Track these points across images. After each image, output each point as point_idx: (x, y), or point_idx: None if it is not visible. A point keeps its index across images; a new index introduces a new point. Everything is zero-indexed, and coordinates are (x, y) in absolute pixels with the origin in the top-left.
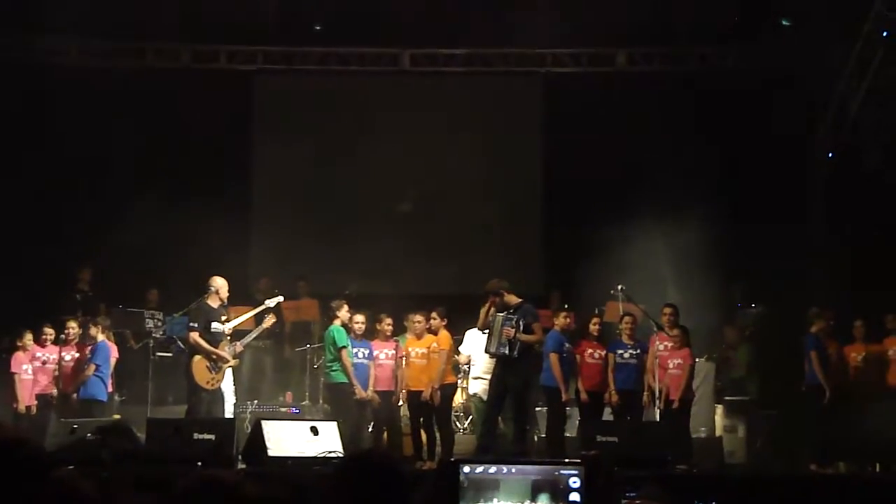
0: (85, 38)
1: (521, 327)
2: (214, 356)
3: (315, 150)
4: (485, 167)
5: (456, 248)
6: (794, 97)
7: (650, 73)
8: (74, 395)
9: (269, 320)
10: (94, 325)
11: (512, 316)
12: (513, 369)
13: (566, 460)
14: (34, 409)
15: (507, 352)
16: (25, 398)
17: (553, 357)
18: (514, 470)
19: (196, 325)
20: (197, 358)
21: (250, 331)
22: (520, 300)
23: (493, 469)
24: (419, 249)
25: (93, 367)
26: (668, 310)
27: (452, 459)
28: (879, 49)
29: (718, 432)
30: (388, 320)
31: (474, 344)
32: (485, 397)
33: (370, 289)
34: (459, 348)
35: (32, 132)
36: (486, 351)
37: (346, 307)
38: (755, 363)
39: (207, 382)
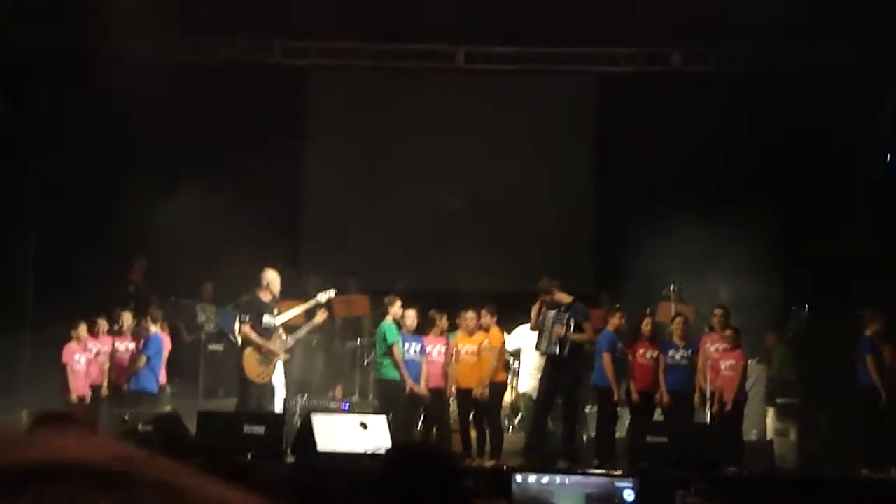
0: (138, 33)
1: (572, 326)
2: (265, 350)
3: (367, 146)
4: (537, 165)
5: (507, 246)
6: (850, 97)
7: (705, 73)
8: (126, 387)
9: (321, 316)
10: (146, 316)
11: (563, 315)
12: (563, 368)
13: (618, 472)
14: (87, 400)
15: (557, 351)
16: (78, 388)
17: (606, 357)
18: (567, 481)
19: (248, 317)
20: (248, 351)
21: (301, 325)
22: (571, 299)
23: (546, 479)
24: (470, 246)
25: (144, 358)
26: (719, 311)
27: (505, 468)
28: None
29: (770, 435)
30: (444, 317)
31: (524, 340)
32: (534, 395)
33: (421, 285)
34: (507, 340)
35: (85, 123)
36: (537, 349)
37: (398, 303)
38: (792, 365)
39: (258, 376)
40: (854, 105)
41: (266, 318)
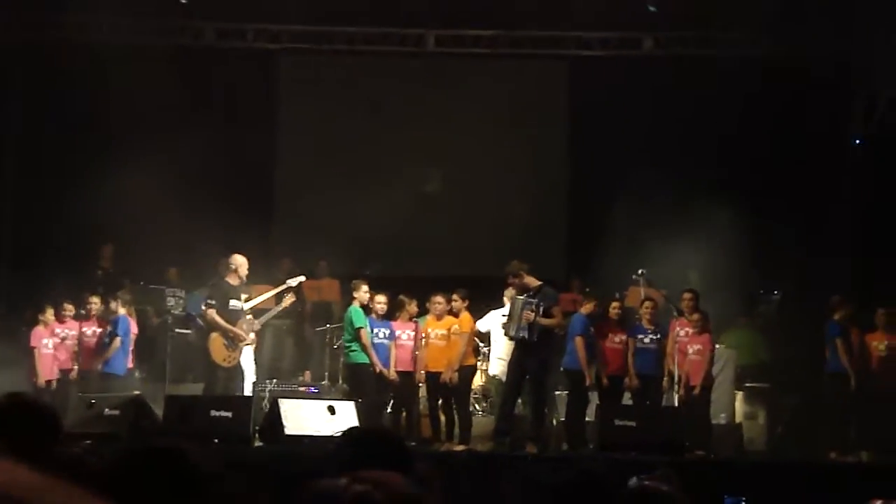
0: (114, 15)
1: (541, 311)
2: (231, 334)
3: (339, 130)
4: (509, 150)
5: (479, 231)
6: (824, 82)
7: (678, 56)
8: (99, 369)
9: (288, 299)
10: (114, 299)
11: (532, 300)
12: (531, 353)
13: None
14: (54, 384)
15: (526, 336)
16: (45, 373)
17: (579, 340)
18: None
19: (214, 301)
20: (214, 335)
21: (271, 309)
22: (540, 283)
23: None
24: (442, 231)
25: (118, 339)
26: (687, 295)
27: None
28: None
29: (738, 419)
30: (414, 301)
31: (494, 324)
32: (504, 379)
33: (391, 270)
34: (478, 324)
35: (55, 109)
36: (506, 334)
37: (364, 287)
38: (762, 349)
39: (224, 360)
40: (829, 90)
41: (233, 302)
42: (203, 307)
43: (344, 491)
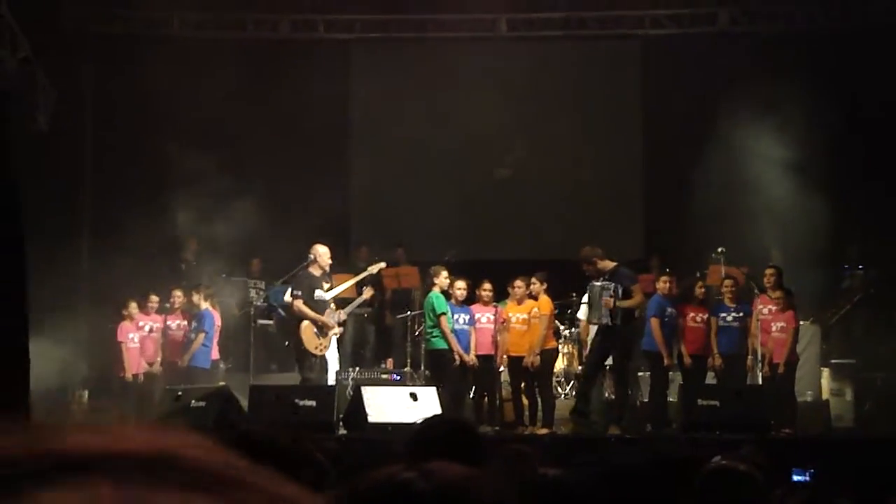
0: (185, 9)
1: (620, 293)
2: (320, 323)
3: (413, 118)
4: (584, 131)
5: (556, 214)
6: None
7: (753, 32)
8: (181, 363)
9: (368, 292)
10: (197, 293)
11: (609, 285)
12: (613, 336)
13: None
14: (141, 378)
15: (609, 322)
16: (133, 367)
17: (654, 322)
18: None
19: (300, 292)
20: (305, 324)
21: (352, 299)
22: (614, 264)
23: None
24: (520, 215)
25: (202, 335)
26: (769, 271)
27: None
28: None
29: (825, 396)
30: (488, 285)
31: None
32: None
33: (471, 255)
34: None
35: (135, 104)
36: (589, 322)
37: (444, 273)
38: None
39: (316, 348)
40: None
41: (317, 293)
42: (289, 298)
43: (391, 478)
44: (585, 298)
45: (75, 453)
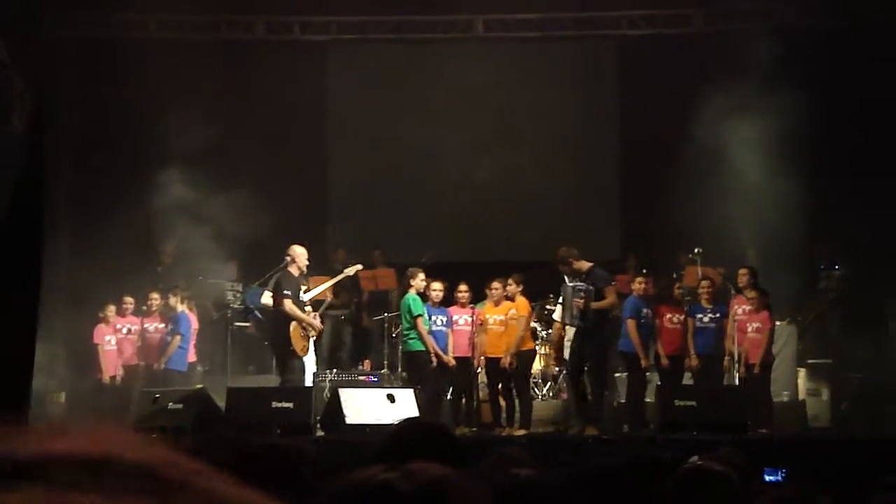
0: (160, 12)
1: (592, 294)
2: (305, 324)
3: (390, 119)
4: (561, 132)
5: (533, 215)
6: (879, 50)
7: (728, 32)
8: (158, 366)
9: (330, 295)
10: (173, 295)
11: (581, 286)
12: (588, 338)
13: None
14: (118, 380)
15: (581, 323)
16: (110, 369)
17: (630, 323)
18: None
19: (289, 292)
20: (294, 325)
21: (324, 301)
22: (590, 265)
23: None
24: (497, 217)
25: (178, 337)
26: (742, 272)
27: None
28: None
29: (801, 396)
30: (464, 287)
31: None
32: None
33: (447, 257)
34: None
35: (110, 107)
36: (562, 322)
37: (421, 275)
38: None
39: (302, 349)
40: (887, 56)
41: (300, 294)
42: (267, 300)
43: (372, 479)
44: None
45: (11, 458)
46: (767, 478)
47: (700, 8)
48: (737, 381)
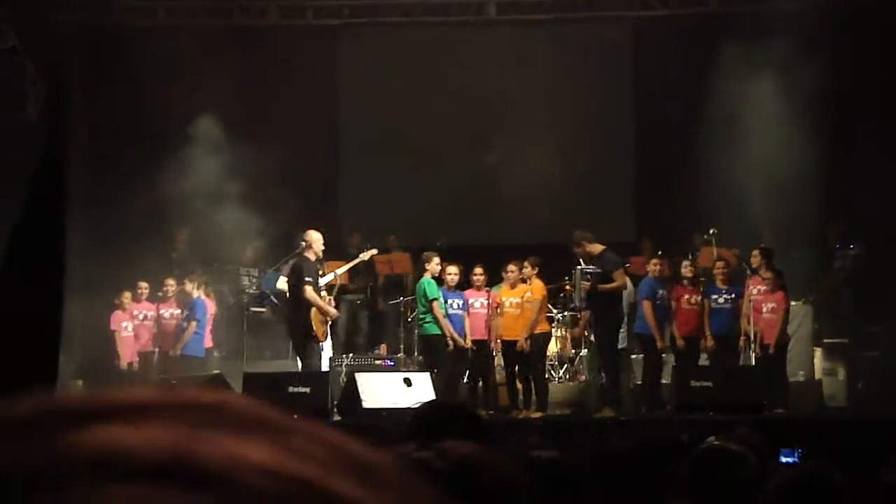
0: None
1: (600, 277)
2: (324, 310)
3: (403, 103)
4: (575, 114)
5: (548, 197)
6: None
7: (742, 13)
8: (174, 352)
9: (339, 280)
10: (189, 281)
11: (589, 268)
12: (599, 320)
13: None
14: (135, 366)
15: (587, 305)
16: (127, 355)
17: (646, 304)
18: None
19: (309, 279)
20: (314, 311)
21: (343, 286)
22: (602, 248)
23: None
24: (511, 199)
25: (194, 323)
26: (755, 253)
27: None
28: None
29: (818, 376)
30: (479, 270)
31: None
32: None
33: (462, 240)
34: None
35: (124, 93)
36: (572, 307)
37: (436, 259)
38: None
39: (322, 335)
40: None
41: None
42: (282, 285)
43: (406, 457)
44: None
45: (129, 401)
46: (784, 459)
47: None
48: (753, 362)
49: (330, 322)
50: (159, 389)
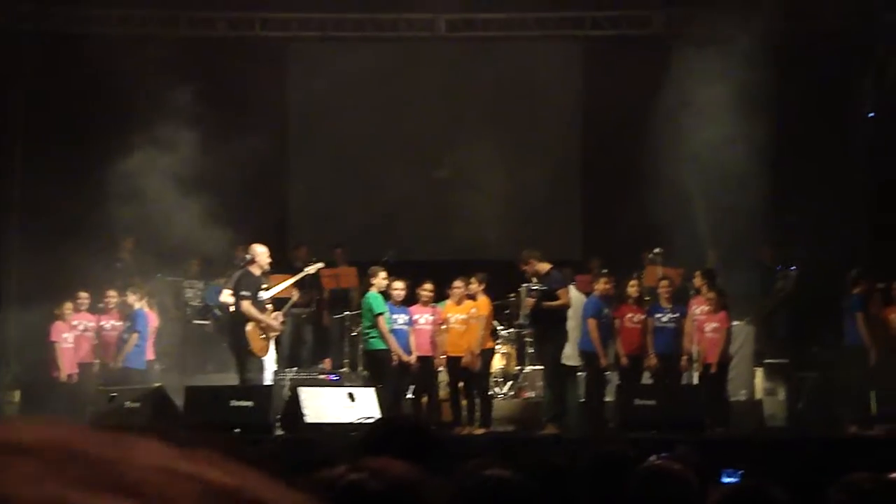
0: (123, 7)
1: (544, 295)
2: (264, 325)
3: (352, 117)
4: (523, 132)
5: (495, 214)
6: (837, 55)
7: (687, 35)
8: (115, 364)
9: (295, 294)
10: (132, 293)
11: (535, 287)
12: (545, 337)
13: None
14: (75, 378)
15: (530, 322)
16: (67, 367)
17: (591, 322)
18: None
19: (248, 293)
20: (251, 326)
21: (288, 300)
22: (549, 267)
23: None
24: (459, 215)
25: (136, 335)
26: (699, 273)
27: None
28: None
29: (758, 395)
30: (429, 286)
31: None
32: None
33: (409, 255)
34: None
35: (73, 101)
36: (517, 323)
37: (382, 274)
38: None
39: (261, 350)
40: (841, 63)
41: (259, 293)
42: (226, 298)
43: (339, 479)
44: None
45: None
46: (725, 479)
47: (660, 10)
48: (695, 381)
49: (272, 336)
50: (55, 433)
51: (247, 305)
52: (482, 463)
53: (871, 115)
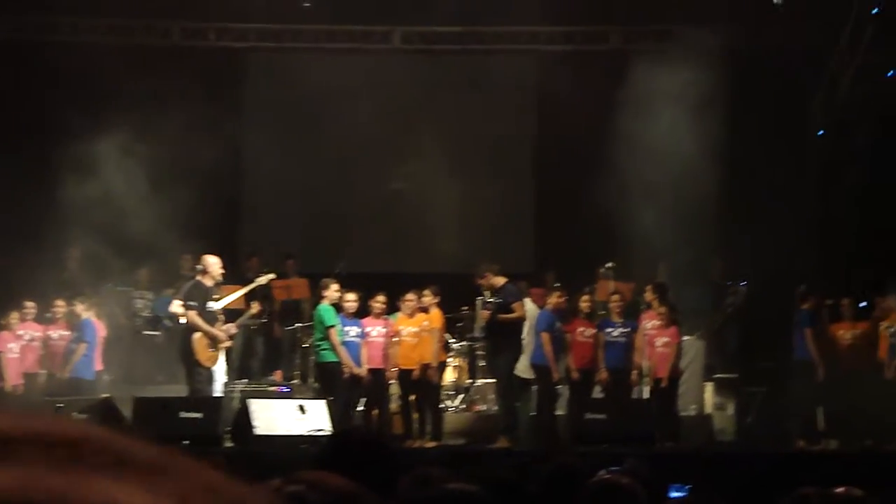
0: (75, 15)
1: (500, 308)
2: (211, 335)
3: (307, 128)
4: (479, 145)
5: (449, 227)
6: (785, 75)
7: (643, 51)
8: (62, 374)
9: (255, 306)
10: (79, 302)
11: (490, 300)
12: (499, 350)
13: None
14: (21, 389)
15: (481, 334)
16: (12, 377)
17: (544, 336)
18: None
19: (195, 303)
20: (197, 335)
21: (240, 310)
22: (504, 280)
23: None
24: (412, 228)
25: (83, 345)
26: (650, 288)
27: None
28: (868, 26)
29: (708, 410)
30: (381, 298)
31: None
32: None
33: (361, 268)
34: None
35: (23, 110)
36: (469, 336)
37: (334, 286)
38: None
39: (208, 360)
40: (790, 83)
41: (209, 304)
42: (177, 309)
43: (276, 492)
44: None
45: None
46: (673, 494)
47: (617, 26)
48: (645, 395)
49: (221, 347)
50: (15, 418)
51: (192, 315)
52: (444, 476)
53: (821, 133)
